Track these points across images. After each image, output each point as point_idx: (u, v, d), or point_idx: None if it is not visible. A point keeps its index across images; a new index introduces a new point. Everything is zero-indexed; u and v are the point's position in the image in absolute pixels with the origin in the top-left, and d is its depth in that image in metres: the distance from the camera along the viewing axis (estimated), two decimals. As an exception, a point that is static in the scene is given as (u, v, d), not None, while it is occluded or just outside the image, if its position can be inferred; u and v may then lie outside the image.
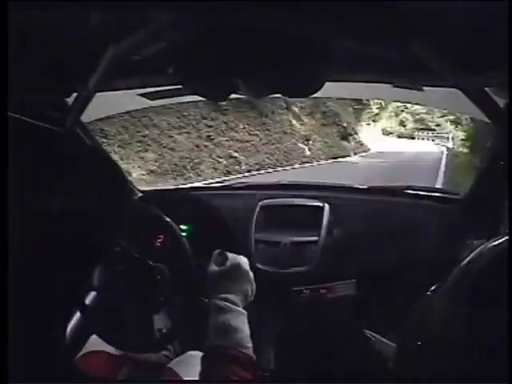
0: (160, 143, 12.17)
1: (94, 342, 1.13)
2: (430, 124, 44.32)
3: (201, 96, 1.23)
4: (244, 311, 0.94)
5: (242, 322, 0.90)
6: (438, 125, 43.48)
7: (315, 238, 1.77)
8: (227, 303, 0.92)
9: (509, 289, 0.53)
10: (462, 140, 25.30)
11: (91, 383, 0.66)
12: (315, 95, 1.10)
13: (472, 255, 0.68)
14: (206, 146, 13.82)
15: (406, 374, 0.87)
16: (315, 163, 18.36)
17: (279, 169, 15.57)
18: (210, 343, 0.87)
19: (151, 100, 1.67)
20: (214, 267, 1.01)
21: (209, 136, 14.20)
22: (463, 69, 0.99)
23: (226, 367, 0.80)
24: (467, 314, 0.61)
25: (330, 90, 1.35)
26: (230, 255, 1.03)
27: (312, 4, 0.73)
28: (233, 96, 1.14)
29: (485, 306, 0.58)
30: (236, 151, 14.64)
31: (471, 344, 0.60)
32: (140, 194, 1.93)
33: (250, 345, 0.87)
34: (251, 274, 1.02)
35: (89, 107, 1.45)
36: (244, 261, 1.03)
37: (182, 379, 1.11)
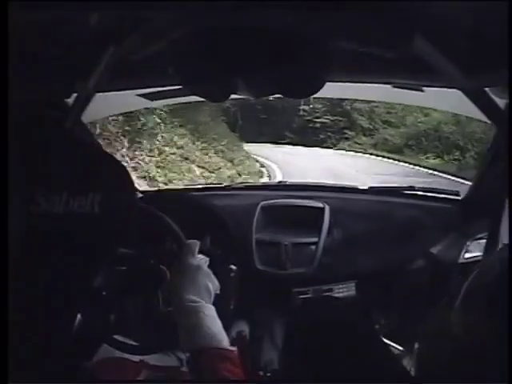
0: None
1: (107, 348, 1.13)
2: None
3: (201, 96, 1.23)
4: (211, 306, 0.94)
5: (213, 319, 0.90)
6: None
7: (316, 239, 1.77)
8: (194, 304, 0.91)
9: (509, 289, 0.53)
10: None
11: (91, 383, 0.66)
12: (316, 95, 1.10)
13: (482, 260, 0.69)
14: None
15: (408, 375, 0.87)
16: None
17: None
18: (191, 348, 0.87)
19: (151, 100, 1.67)
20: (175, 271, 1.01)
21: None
22: (463, 69, 0.99)
23: (216, 368, 0.80)
24: (472, 314, 0.61)
25: (331, 90, 1.35)
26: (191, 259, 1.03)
27: (312, 4, 0.73)
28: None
29: (489, 307, 0.58)
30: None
31: (472, 344, 0.60)
32: (140, 195, 1.93)
33: (225, 338, 0.87)
34: (209, 272, 1.02)
35: (89, 107, 1.45)
36: (203, 261, 1.03)
37: (188, 379, 1.11)
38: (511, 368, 0.51)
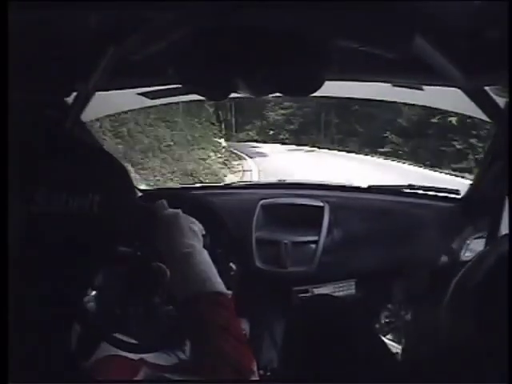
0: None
1: (107, 347, 1.13)
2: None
3: (200, 95, 1.23)
4: (203, 249, 0.93)
5: (207, 263, 0.88)
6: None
7: (315, 238, 1.77)
8: (185, 249, 0.90)
9: (509, 288, 0.54)
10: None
11: (91, 383, 0.66)
12: (315, 94, 1.10)
13: (476, 257, 0.69)
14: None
15: (408, 374, 0.88)
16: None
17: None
18: (185, 295, 0.84)
19: (151, 99, 1.67)
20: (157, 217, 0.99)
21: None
22: (463, 69, 0.99)
23: (208, 314, 0.78)
24: (472, 314, 0.61)
25: (330, 89, 1.35)
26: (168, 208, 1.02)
27: (312, 4, 0.73)
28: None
29: (489, 307, 0.58)
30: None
31: (474, 344, 0.60)
32: (140, 194, 1.93)
33: (219, 282, 0.85)
34: (188, 216, 1.01)
35: (89, 107, 1.45)
36: (177, 211, 1.02)
37: (188, 379, 1.11)
38: (511, 368, 0.52)
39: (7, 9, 0.55)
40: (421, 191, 1.95)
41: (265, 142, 18.08)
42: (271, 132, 20.23)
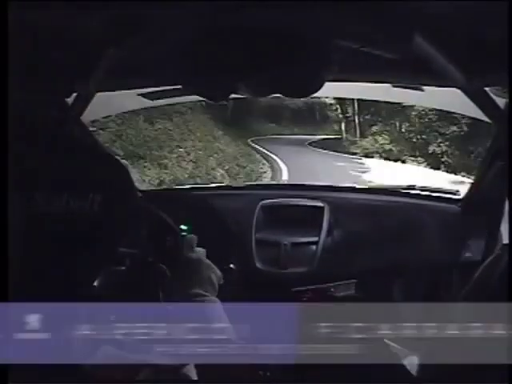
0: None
1: (107, 347, 1.13)
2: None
3: (201, 96, 1.23)
4: (216, 299, 0.93)
5: (218, 318, 0.89)
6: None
7: (315, 239, 1.77)
8: (198, 298, 0.90)
9: (509, 288, 0.54)
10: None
11: (91, 383, 0.66)
12: (315, 95, 1.10)
13: (490, 259, 0.68)
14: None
15: (408, 374, 0.87)
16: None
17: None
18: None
19: (151, 100, 1.67)
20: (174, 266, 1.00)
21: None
22: (463, 69, 0.99)
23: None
24: (472, 314, 0.61)
25: (330, 89, 1.35)
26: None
27: (312, 4, 0.73)
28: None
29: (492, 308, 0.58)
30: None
31: (472, 342, 0.60)
32: (140, 194, 1.92)
33: (231, 334, 0.85)
34: (210, 263, 1.01)
35: (89, 107, 1.45)
36: (202, 253, 1.02)
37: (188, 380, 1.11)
38: (511, 368, 0.52)
39: (7, 9, 0.55)
40: (421, 192, 1.95)
41: (399, 160, 11.69)
42: (409, 139, 12.84)
